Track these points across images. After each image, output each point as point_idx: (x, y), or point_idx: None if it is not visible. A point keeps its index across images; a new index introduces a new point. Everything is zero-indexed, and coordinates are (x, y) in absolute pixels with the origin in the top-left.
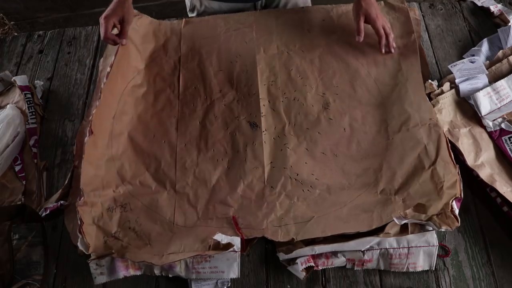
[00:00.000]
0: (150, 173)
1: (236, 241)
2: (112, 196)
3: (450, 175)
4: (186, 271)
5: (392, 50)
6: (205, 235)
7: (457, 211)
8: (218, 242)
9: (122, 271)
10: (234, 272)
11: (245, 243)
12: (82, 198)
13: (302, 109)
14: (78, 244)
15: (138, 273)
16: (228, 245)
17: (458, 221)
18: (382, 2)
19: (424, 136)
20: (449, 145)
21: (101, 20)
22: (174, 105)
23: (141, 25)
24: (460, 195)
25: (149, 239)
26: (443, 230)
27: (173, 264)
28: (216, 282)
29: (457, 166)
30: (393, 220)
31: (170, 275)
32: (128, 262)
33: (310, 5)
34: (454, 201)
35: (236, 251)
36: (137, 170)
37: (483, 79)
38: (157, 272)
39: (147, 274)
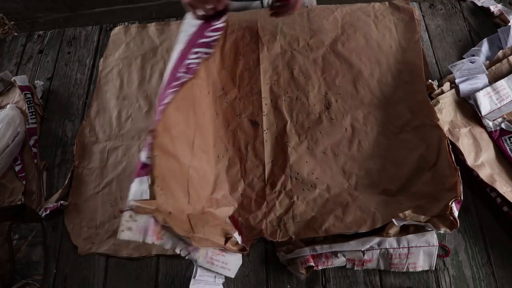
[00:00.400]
0: (173, 135)
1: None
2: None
3: (451, 177)
4: (203, 259)
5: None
6: (220, 228)
7: (456, 213)
8: (237, 242)
9: (151, 235)
10: (234, 273)
11: (244, 243)
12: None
13: (304, 109)
14: (143, 186)
15: (158, 243)
16: (243, 249)
17: (457, 224)
18: (387, 2)
19: (425, 137)
20: (450, 146)
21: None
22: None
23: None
24: (460, 197)
25: (171, 208)
26: (442, 232)
27: (198, 248)
28: (215, 277)
29: (458, 168)
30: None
31: (186, 257)
32: (159, 228)
33: (315, 4)
34: (453, 203)
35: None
36: (167, 124)
37: (483, 79)
38: (177, 250)
39: (165, 248)
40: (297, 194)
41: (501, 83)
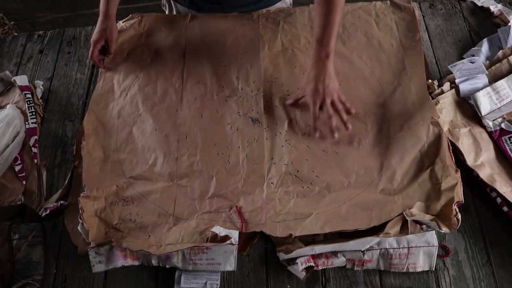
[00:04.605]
0: (152, 166)
1: (234, 234)
2: (115, 191)
3: (449, 178)
4: (183, 262)
5: (335, 135)
6: (204, 227)
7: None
8: (216, 235)
9: (120, 260)
10: (230, 265)
11: (243, 238)
12: (85, 192)
13: (305, 107)
14: (79, 228)
15: (136, 263)
16: (226, 238)
17: (458, 224)
18: (388, 1)
19: (424, 134)
20: (451, 147)
21: (91, 43)
22: (177, 98)
23: (145, 25)
24: (461, 199)
25: (149, 231)
26: (442, 231)
27: (171, 254)
28: (206, 283)
29: (458, 170)
30: (392, 219)
31: (167, 266)
32: (126, 251)
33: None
34: (455, 205)
35: (234, 244)
36: (140, 165)
37: (483, 79)
38: (154, 262)
39: (145, 264)
40: (297, 192)
41: (501, 83)
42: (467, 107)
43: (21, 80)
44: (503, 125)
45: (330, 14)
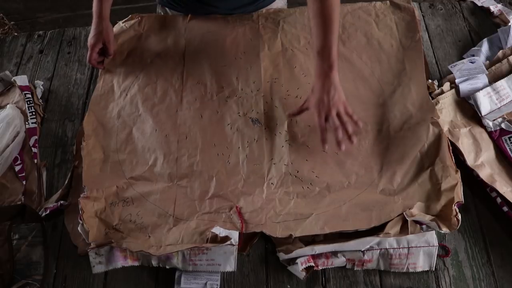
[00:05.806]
0: (152, 167)
1: (234, 235)
2: (115, 192)
3: (449, 178)
4: (183, 263)
5: (342, 148)
6: (204, 228)
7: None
8: (216, 235)
9: (120, 261)
10: (230, 266)
11: (243, 238)
12: (85, 193)
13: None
14: (79, 229)
15: (136, 263)
16: (226, 238)
17: (458, 224)
18: (388, 1)
19: (424, 134)
20: (451, 148)
21: (88, 46)
22: (177, 99)
23: (144, 26)
24: (461, 200)
25: (149, 231)
26: (442, 231)
27: (171, 255)
28: (206, 283)
29: (458, 170)
30: (392, 219)
31: (167, 266)
32: (126, 252)
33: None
34: (455, 205)
35: (234, 245)
36: (140, 165)
37: (483, 79)
38: (154, 263)
39: (145, 265)
40: (297, 192)
41: (501, 83)
42: (467, 107)
43: (21, 80)
44: (503, 125)
45: (328, 23)
